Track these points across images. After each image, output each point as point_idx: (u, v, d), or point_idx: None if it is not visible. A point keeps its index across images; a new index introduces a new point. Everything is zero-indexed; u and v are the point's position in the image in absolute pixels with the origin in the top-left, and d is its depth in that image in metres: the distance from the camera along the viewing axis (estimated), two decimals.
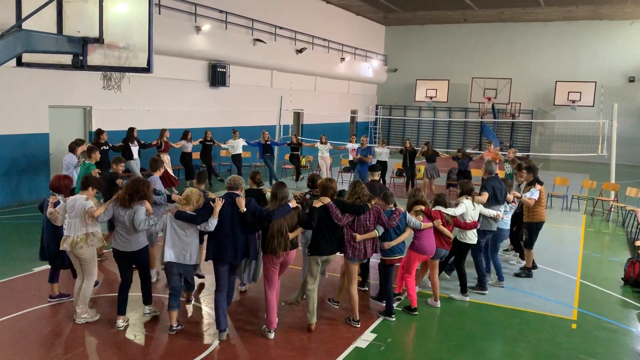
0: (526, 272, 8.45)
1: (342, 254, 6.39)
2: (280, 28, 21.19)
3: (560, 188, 14.69)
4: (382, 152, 15.55)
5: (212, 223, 5.66)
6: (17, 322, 6.17)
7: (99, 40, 5.92)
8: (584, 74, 26.71)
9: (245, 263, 6.16)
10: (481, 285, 7.64)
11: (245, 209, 5.70)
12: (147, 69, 5.95)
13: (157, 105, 16.00)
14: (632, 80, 26.27)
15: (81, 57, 5.92)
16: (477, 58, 29.22)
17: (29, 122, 12.54)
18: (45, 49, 5.59)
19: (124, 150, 12.69)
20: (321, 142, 16.39)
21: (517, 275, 8.42)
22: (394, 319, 6.57)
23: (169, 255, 5.76)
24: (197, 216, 5.70)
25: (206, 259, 5.91)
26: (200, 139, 15.25)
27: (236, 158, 15.87)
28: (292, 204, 5.90)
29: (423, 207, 6.80)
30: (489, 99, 26.86)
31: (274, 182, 6.34)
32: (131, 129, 13.06)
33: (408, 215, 6.64)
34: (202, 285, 7.54)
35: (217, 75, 17.89)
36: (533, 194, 8.21)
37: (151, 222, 5.80)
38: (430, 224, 6.74)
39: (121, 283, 6.13)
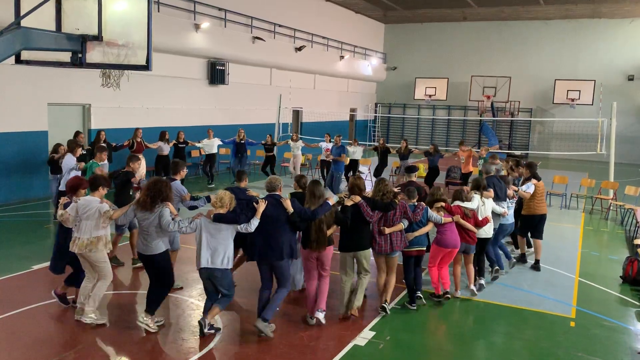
0: (521, 258, 9.02)
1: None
2: (280, 26, 21.17)
3: (559, 186, 14.69)
4: (355, 151, 15.54)
5: (254, 224, 5.65)
6: (14, 320, 6.16)
7: (98, 37, 5.92)
8: (583, 72, 26.70)
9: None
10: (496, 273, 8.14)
11: (292, 210, 5.80)
12: (146, 67, 5.95)
13: (156, 103, 15.98)
14: (631, 78, 26.25)
15: (80, 55, 5.91)
16: (477, 56, 29.18)
17: (28, 120, 12.52)
18: (44, 46, 5.59)
19: (91, 155, 11.77)
20: (292, 140, 16.32)
21: (513, 264, 8.78)
22: (414, 307, 6.78)
23: (205, 261, 5.64)
24: (240, 215, 5.66)
25: (247, 260, 5.98)
26: (174, 141, 14.45)
27: (211, 158, 15.48)
28: (331, 201, 6.10)
29: (443, 204, 7.10)
30: (488, 97, 26.86)
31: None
32: (99, 132, 12.54)
33: (430, 210, 6.94)
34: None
35: (216, 73, 17.84)
36: (529, 188, 8.62)
37: (181, 224, 5.69)
38: (450, 219, 7.03)
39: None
